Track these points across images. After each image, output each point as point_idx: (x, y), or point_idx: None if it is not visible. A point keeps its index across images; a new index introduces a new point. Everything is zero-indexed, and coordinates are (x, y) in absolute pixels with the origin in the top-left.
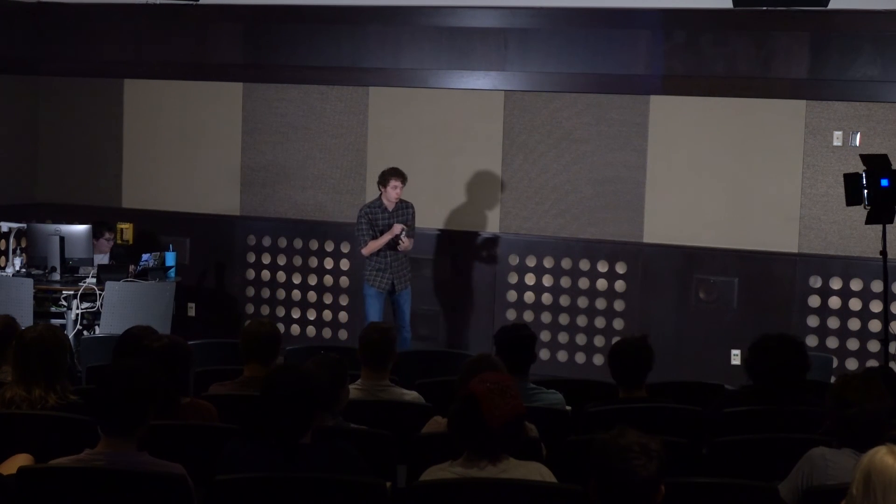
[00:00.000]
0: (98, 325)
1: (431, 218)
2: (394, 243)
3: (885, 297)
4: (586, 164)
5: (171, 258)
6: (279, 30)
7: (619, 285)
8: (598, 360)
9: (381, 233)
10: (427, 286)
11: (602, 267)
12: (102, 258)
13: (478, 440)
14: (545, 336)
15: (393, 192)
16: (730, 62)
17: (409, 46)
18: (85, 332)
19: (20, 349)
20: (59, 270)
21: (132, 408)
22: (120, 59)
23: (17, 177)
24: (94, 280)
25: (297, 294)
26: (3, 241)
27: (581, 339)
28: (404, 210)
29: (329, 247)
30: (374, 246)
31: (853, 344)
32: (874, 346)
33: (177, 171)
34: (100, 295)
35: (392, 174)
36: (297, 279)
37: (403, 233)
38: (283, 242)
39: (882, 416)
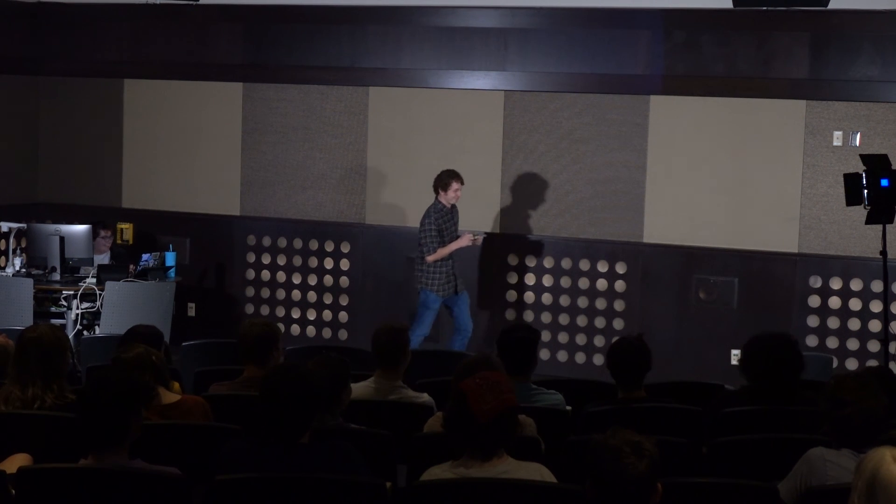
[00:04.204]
0: (98, 325)
1: None
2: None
3: (885, 297)
4: (586, 164)
5: (171, 258)
6: (279, 30)
7: (619, 285)
8: (598, 360)
9: (449, 238)
10: None
11: (602, 267)
12: (102, 258)
13: (468, 436)
14: (545, 336)
15: (454, 194)
16: (730, 62)
17: (409, 46)
18: (85, 332)
19: (19, 348)
20: (59, 270)
21: (113, 419)
22: (120, 59)
23: (17, 177)
24: (94, 280)
25: (297, 294)
26: (3, 241)
27: (581, 339)
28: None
29: (329, 247)
30: (442, 253)
31: (853, 344)
32: (874, 346)
33: (177, 171)
34: (100, 295)
35: (453, 176)
36: (297, 279)
37: (474, 242)
38: (283, 242)
39: (878, 414)
